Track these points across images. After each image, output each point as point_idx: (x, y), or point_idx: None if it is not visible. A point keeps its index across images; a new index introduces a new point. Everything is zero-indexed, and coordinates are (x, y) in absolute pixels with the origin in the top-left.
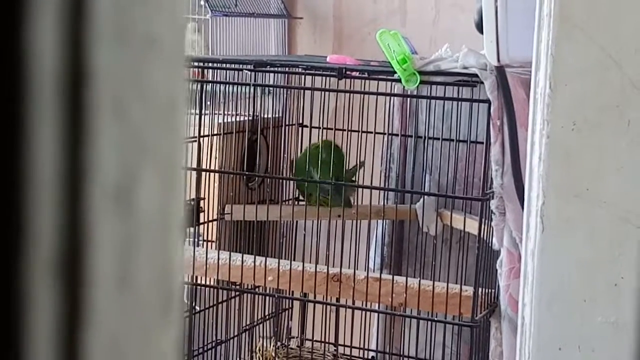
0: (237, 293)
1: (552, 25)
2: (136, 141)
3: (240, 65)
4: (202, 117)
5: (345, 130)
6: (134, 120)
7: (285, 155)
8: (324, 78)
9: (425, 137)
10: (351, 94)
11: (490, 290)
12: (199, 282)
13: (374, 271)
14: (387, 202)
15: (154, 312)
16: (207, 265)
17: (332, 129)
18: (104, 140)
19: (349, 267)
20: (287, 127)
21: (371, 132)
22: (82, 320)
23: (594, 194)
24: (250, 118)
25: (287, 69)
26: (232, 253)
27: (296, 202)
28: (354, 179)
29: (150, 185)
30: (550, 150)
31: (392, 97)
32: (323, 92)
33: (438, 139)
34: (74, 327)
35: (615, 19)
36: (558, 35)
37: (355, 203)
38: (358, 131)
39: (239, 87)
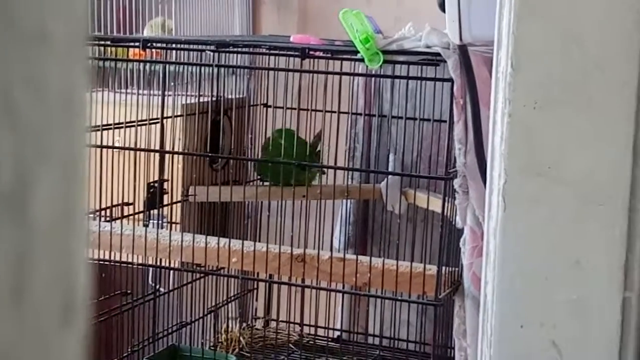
0: (202, 275)
1: (513, 4)
2: (30, 143)
3: (203, 46)
4: (165, 98)
5: (309, 110)
6: (27, 120)
7: (250, 136)
8: (287, 58)
9: (389, 116)
10: (315, 74)
11: (453, 269)
12: (162, 264)
13: (339, 250)
14: (351, 182)
15: (53, 322)
16: (171, 247)
17: (296, 109)
18: None
19: (314, 247)
20: (251, 108)
21: (335, 112)
22: None
23: (555, 172)
24: (214, 99)
25: (250, 49)
26: (195, 235)
27: (260, 183)
28: (318, 149)
29: (48, 188)
30: (512, 129)
31: (356, 77)
32: (287, 72)
33: (402, 117)
34: None
35: None
36: (519, 14)
37: (320, 183)
38: (322, 111)
39: (202, 67)
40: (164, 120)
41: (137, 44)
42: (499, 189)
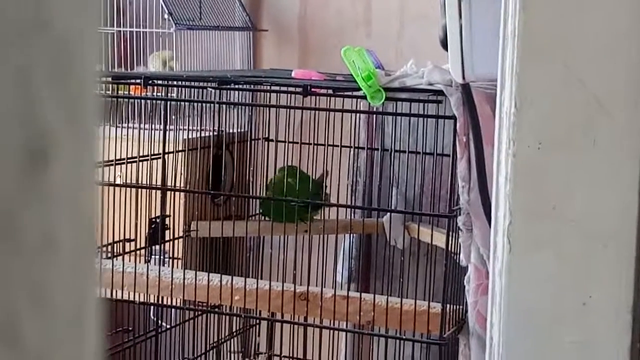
0: (204, 312)
1: (516, 44)
2: None
3: (204, 83)
4: (167, 133)
5: (311, 144)
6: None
7: (252, 169)
8: (289, 95)
9: (391, 150)
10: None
11: (458, 307)
12: (164, 301)
13: (341, 285)
14: (354, 216)
15: None
16: (173, 285)
17: (298, 143)
18: None
19: (316, 283)
20: (252, 142)
21: (337, 146)
22: None
23: (560, 213)
24: (216, 133)
25: (251, 86)
26: (197, 272)
27: (263, 218)
28: (325, 185)
29: None
30: (516, 170)
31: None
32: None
33: (404, 151)
34: None
35: (579, 37)
36: (522, 54)
37: (322, 217)
38: (324, 145)
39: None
40: (166, 156)
41: (138, 81)
42: (503, 230)
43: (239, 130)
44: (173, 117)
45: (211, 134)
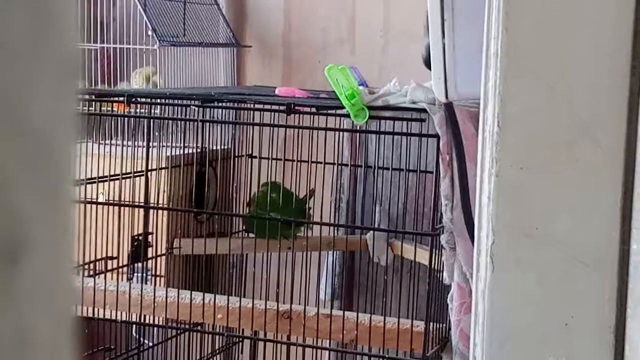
0: (186, 330)
1: (499, 64)
2: None
3: (188, 101)
4: (150, 150)
5: (294, 160)
6: None
7: (235, 185)
8: (272, 113)
9: (375, 167)
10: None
11: (441, 325)
12: (147, 320)
13: (324, 303)
14: (337, 233)
15: None
16: (155, 304)
17: (281, 159)
18: None
19: (299, 301)
20: (236, 159)
21: (321, 163)
22: None
23: (543, 233)
24: (199, 150)
25: (235, 104)
26: (180, 290)
27: (246, 235)
28: (309, 206)
29: None
30: (499, 190)
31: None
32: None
33: (388, 168)
34: None
35: (563, 56)
36: (505, 74)
37: (305, 235)
38: (308, 161)
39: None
40: (149, 173)
41: (121, 99)
42: (487, 250)
43: (222, 147)
44: (156, 134)
45: (194, 151)
